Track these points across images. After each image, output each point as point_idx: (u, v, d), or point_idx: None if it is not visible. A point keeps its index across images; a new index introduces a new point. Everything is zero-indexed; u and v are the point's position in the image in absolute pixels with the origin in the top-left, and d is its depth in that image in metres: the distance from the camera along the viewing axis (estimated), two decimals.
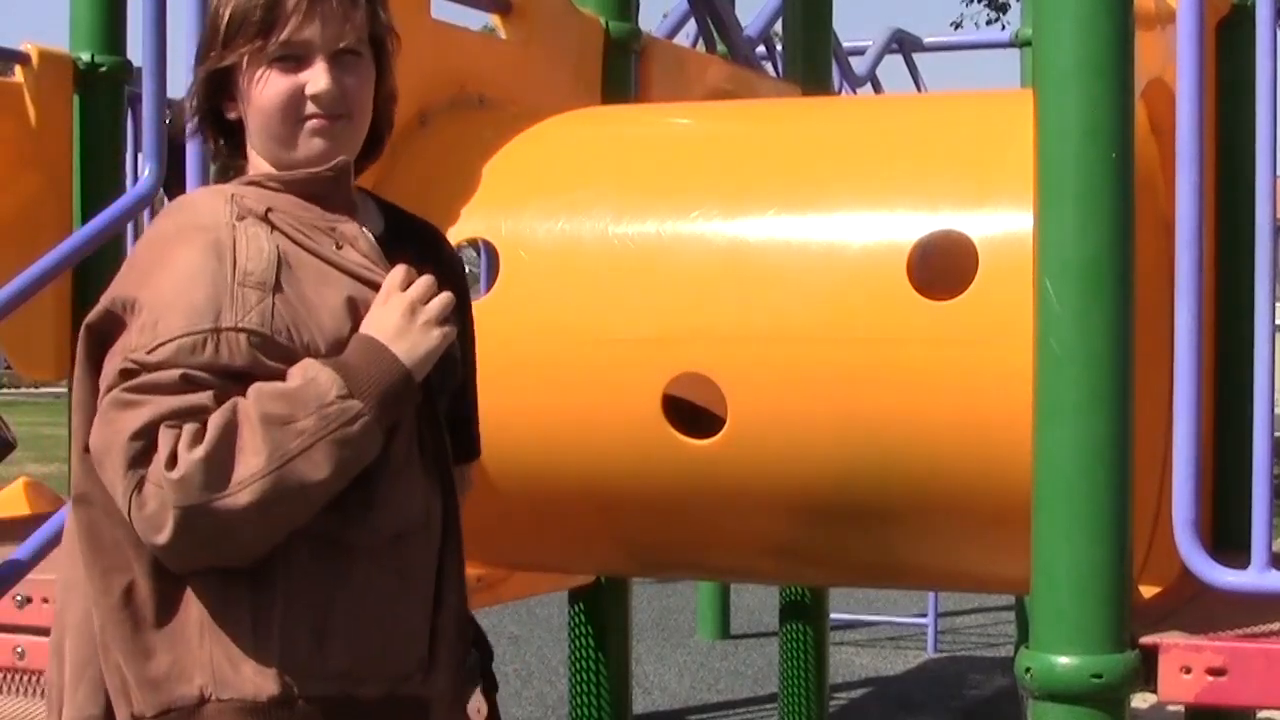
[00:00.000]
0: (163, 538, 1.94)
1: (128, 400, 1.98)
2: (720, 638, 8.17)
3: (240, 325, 2.00)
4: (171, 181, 3.76)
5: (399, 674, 2.04)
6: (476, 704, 2.18)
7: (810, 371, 3.21)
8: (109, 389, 2.00)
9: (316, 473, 1.96)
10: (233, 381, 1.99)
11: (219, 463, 1.94)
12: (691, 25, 5.96)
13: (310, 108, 2.12)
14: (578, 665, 4.54)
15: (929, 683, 7.34)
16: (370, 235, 2.17)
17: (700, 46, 5.96)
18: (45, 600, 3.23)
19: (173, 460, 1.94)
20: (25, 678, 3.26)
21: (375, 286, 2.10)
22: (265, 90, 2.12)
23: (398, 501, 2.06)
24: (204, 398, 1.98)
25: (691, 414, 3.37)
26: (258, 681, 1.97)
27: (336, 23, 2.13)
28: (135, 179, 4.19)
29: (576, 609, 4.53)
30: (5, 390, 26.97)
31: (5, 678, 3.28)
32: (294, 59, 2.12)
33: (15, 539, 3.21)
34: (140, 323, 2.02)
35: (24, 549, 3.12)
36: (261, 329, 2.01)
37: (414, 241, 2.27)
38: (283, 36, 2.10)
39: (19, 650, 3.25)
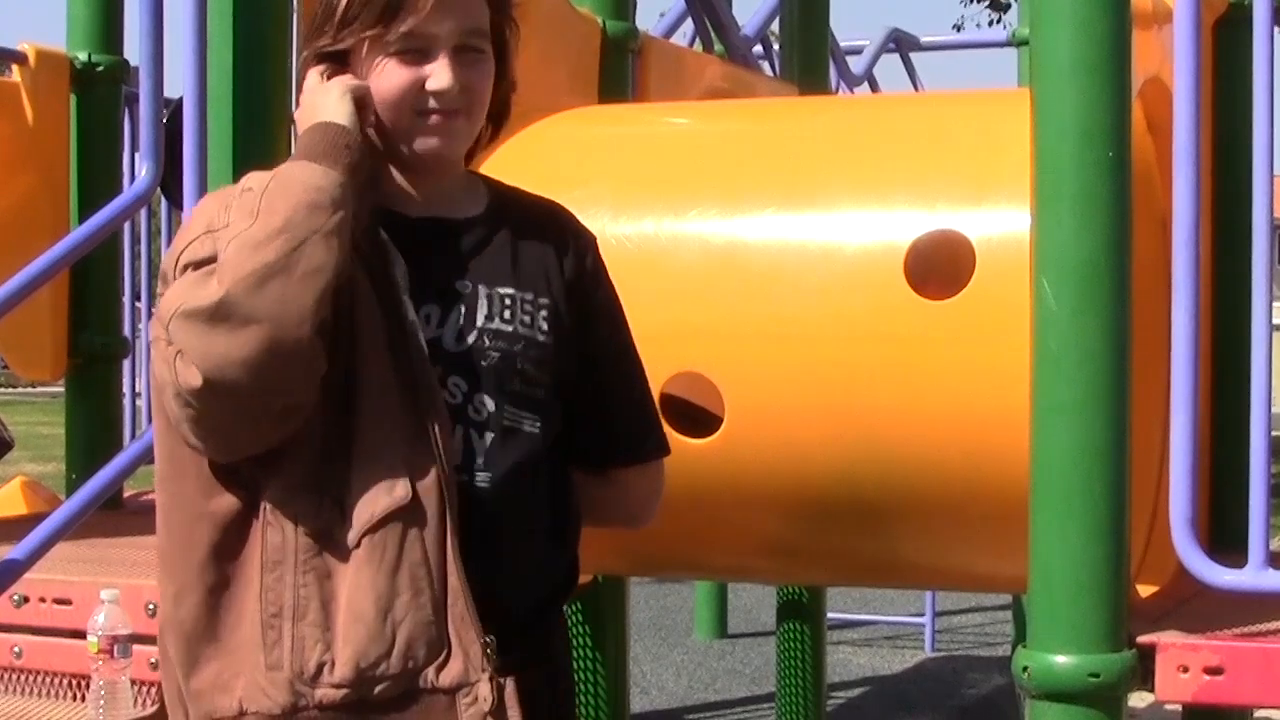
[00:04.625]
0: (199, 366, 1.88)
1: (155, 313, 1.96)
2: (717, 637, 8.16)
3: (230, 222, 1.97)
4: (169, 181, 3.75)
5: (411, 669, 1.97)
6: (479, 693, 2.01)
7: (807, 370, 3.21)
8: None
9: (318, 217, 1.93)
10: None
11: (239, 247, 1.91)
12: (689, 24, 5.95)
13: (430, 103, 2.06)
14: (575, 665, 4.53)
15: (926, 682, 7.34)
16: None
17: (697, 46, 5.96)
18: (43, 600, 3.23)
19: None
20: (23, 677, 3.25)
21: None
22: (384, 80, 2.06)
23: (375, 488, 1.97)
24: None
25: (689, 413, 3.36)
26: (273, 692, 1.95)
27: (460, 16, 2.06)
28: (132, 179, 4.18)
29: (574, 608, 4.53)
30: (2, 390, 26.95)
31: (3, 677, 3.27)
32: (417, 51, 2.06)
33: (12, 538, 3.20)
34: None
35: (21, 548, 3.11)
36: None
37: (517, 222, 2.20)
38: (406, 27, 2.04)
39: (16, 650, 3.24)
